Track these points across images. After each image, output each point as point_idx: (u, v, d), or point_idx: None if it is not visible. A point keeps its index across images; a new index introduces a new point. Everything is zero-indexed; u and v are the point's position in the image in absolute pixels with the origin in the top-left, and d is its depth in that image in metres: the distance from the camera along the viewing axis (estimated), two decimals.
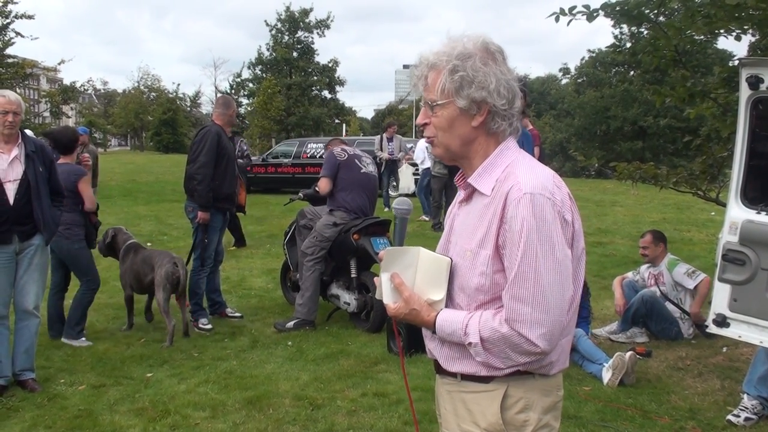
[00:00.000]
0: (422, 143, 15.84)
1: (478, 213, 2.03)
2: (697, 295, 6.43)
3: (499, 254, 1.95)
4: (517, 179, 1.94)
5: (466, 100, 1.99)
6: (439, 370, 2.16)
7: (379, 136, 17.12)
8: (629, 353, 5.47)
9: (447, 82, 2.00)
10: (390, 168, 16.23)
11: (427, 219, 14.06)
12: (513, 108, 2.03)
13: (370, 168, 7.11)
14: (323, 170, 7.06)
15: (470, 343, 1.98)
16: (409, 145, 16.62)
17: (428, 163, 15.29)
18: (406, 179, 14.72)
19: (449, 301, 2.08)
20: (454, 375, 2.10)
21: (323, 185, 6.93)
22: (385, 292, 2.14)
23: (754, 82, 4.19)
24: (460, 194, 2.17)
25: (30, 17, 25.43)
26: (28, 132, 5.68)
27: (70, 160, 6.28)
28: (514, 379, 2.01)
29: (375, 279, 2.23)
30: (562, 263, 1.91)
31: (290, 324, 6.76)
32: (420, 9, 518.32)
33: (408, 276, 2.11)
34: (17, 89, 27.85)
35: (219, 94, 59.93)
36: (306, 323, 6.81)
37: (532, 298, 1.88)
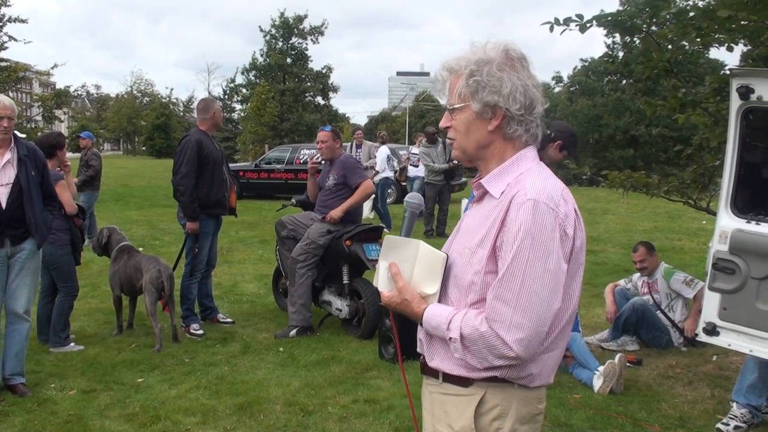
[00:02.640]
0: (384, 150, 15.19)
1: (484, 214, 2.06)
2: (695, 303, 6.41)
3: (495, 256, 1.97)
4: (525, 185, 1.97)
5: (480, 104, 2.03)
6: (425, 370, 2.18)
7: (349, 143, 16.36)
8: (619, 355, 5.49)
9: (463, 87, 2.04)
10: None
11: (388, 231, 13.58)
12: (531, 114, 2.05)
13: None
14: (363, 174, 7.21)
15: (451, 338, 1.99)
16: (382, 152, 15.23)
17: (389, 173, 14.90)
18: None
19: (443, 296, 2.10)
20: (436, 376, 2.12)
21: (371, 185, 7.17)
22: (382, 279, 2.19)
23: (745, 93, 4.22)
24: (474, 195, 2.20)
25: (23, 21, 25.34)
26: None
27: (50, 165, 6.26)
28: (493, 385, 2.02)
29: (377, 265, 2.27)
30: (554, 274, 1.91)
31: (293, 333, 6.76)
32: (418, 16, 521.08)
33: (406, 268, 2.15)
34: (9, 93, 27.76)
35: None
36: (307, 329, 6.82)
37: (516, 301, 1.88)
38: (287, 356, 6.19)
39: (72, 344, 6.34)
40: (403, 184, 15.98)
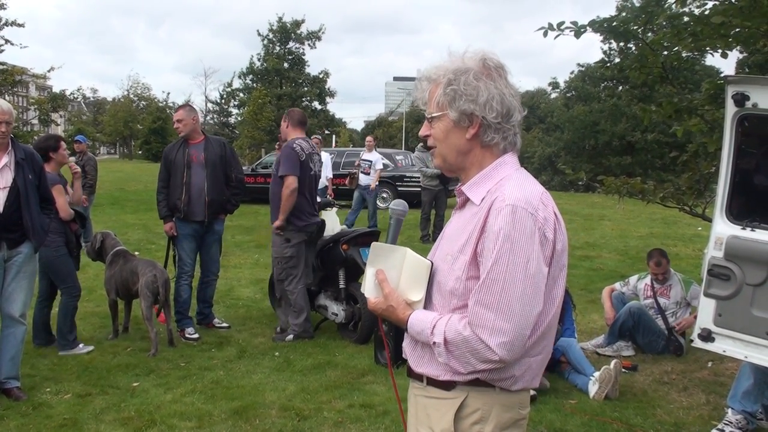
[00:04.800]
0: (327, 156, 14.32)
1: (465, 220, 2.08)
2: None
3: (477, 261, 1.99)
4: (503, 191, 1.99)
5: (457, 113, 2.05)
6: (410, 373, 2.20)
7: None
8: (614, 361, 5.50)
9: (441, 96, 2.08)
10: None
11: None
12: (509, 122, 2.08)
13: (316, 167, 6.91)
14: (287, 167, 6.60)
15: (435, 343, 2.02)
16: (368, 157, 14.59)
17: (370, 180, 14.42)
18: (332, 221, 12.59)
19: (428, 302, 2.13)
20: (421, 379, 2.14)
21: (292, 183, 6.53)
22: (368, 286, 2.23)
23: (740, 99, 4.24)
24: (457, 203, 2.22)
25: (20, 25, 25.31)
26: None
27: (49, 168, 6.23)
28: (475, 389, 2.04)
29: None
30: (534, 278, 1.93)
31: (290, 337, 6.76)
32: (418, 22, 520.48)
33: (392, 275, 2.18)
34: (6, 96, 27.76)
35: (209, 104, 59.89)
36: (305, 337, 6.82)
37: (497, 305, 1.90)
38: (283, 361, 6.18)
39: (81, 345, 6.32)
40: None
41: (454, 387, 2.05)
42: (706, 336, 4.45)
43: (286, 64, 53.09)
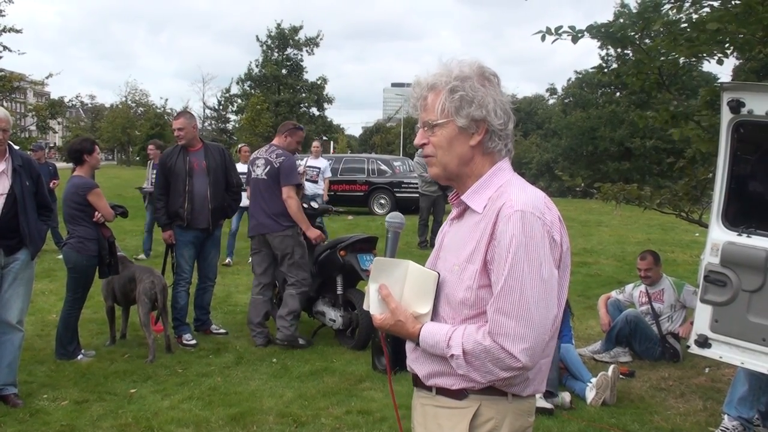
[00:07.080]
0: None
1: (468, 229, 2.06)
2: None
3: (487, 270, 1.97)
4: (509, 197, 1.98)
5: (465, 119, 2.04)
6: (417, 383, 2.18)
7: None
8: (611, 367, 5.50)
9: (447, 102, 2.04)
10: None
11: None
12: (507, 129, 2.09)
13: (257, 171, 6.90)
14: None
15: (452, 355, 1.99)
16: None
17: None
18: None
19: (434, 314, 2.10)
20: (429, 389, 2.12)
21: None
22: (373, 302, 2.18)
23: (735, 106, 4.26)
24: (453, 212, 2.20)
25: (17, 31, 25.24)
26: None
27: (81, 172, 6.20)
28: (488, 398, 2.03)
29: (365, 288, 2.26)
30: (548, 281, 1.94)
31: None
32: (418, 28, 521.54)
33: (396, 288, 2.14)
34: (4, 103, 27.73)
35: (207, 110, 59.90)
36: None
37: (517, 313, 1.90)
38: (280, 367, 6.18)
39: (80, 356, 6.29)
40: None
41: (467, 396, 2.04)
42: (703, 342, 4.46)
43: (284, 71, 53.13)
